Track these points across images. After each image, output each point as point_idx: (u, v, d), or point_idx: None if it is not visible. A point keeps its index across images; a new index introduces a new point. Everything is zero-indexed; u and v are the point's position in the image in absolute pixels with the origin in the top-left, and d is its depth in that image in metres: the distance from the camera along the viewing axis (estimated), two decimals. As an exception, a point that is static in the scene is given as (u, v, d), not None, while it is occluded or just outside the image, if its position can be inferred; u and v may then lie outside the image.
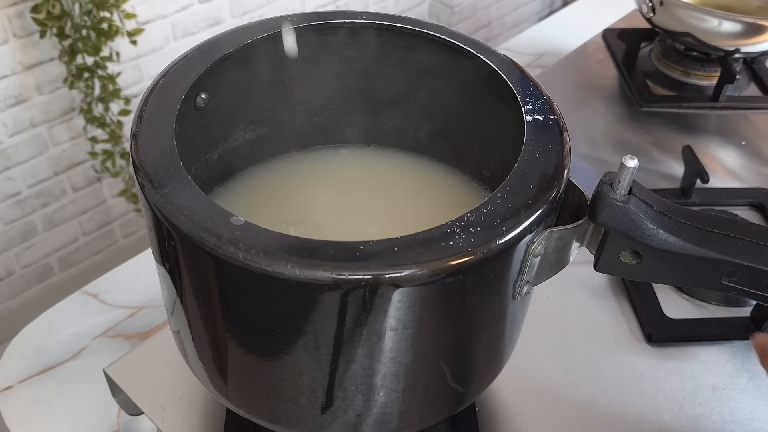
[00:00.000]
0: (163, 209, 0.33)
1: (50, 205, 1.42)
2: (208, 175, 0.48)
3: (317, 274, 0.31)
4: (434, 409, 0.41)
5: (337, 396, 0.38)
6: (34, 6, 1.16)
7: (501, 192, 0.35)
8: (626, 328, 0.58)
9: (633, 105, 0.86)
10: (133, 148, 0.36)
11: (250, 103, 0.47)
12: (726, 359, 0.56)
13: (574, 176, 0.38)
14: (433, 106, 0.49)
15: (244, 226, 0.32)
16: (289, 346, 0.35)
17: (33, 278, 1.47)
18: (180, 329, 0.42)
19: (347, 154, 0.53)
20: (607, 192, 0.35)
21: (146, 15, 1.36)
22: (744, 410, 0.53)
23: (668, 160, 0.77)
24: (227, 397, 0.42)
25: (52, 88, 1.29)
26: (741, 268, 0.36)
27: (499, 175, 0.45)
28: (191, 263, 0.35)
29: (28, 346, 0.58)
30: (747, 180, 0.75)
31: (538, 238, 0.35)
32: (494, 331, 0.39)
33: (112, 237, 1.57)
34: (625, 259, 0.38)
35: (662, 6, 0.81)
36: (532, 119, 0.39)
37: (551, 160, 0.37)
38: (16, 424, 0.53)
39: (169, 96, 0.39)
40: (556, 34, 1.04)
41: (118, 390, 0.53)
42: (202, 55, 0.42)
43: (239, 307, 0.35)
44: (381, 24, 0.46)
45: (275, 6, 1.58)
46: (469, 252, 0.32)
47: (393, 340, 0.34)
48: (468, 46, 0.44)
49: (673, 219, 0.36)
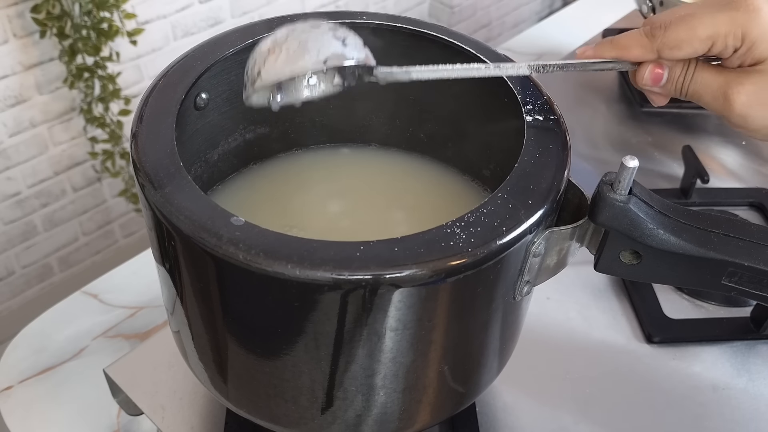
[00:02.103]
0: (163, 209, 0.33)
1: (50, 205, 1.42)
2: (209, 175, 0.48)
3: (317, 275, 0.31)
4: (434, 409, 0.41)
5: (337, 396, 0.38)
6: (34, 6, 1.16)
7: (501, 192, 0.35)
8: (626, 328, 0.58)
9: (633, 105, 0.86)
10: (133, 148, 0.36)
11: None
12: (726, 359, 0.56)
13: (574, 176, 0.38)
14: (433, 106, 0.49)
15: (244, 226, 0.32)
16: (289, 347, 0.35)
17: (33, 278, 1.47)
18: (180, 329, 0.42)
19: (348, 153, 0.53)
20: (608, 192, 0.35)
21: (146, 15, 1.35)
22: (744, 410, 0.53)
23: (668, 160, 0.77)
24: (227, 397, 0.41)
25: (52, 88, 1.29)
26: (741, 268, 0.36)
27: (500, 176, 0.45)
28: (191, 263, 0.35)
29: (28, 346, 0.58)
30: (747, 180, 0.75)
31: (538, 238, 0.35)
32: (494, 331, 0.39)
33: (112, 237, 1.57)
34: (626, 260, 0.38)
35: (662, 6, 0.81)
36: (532, 119, 0.39)
37: (551, 161, 0.37)
38: (16, 424, 0.53)
39: (169, 96, 0.39)
40: (556, 34, 1.04)
41: (118, 390, 0.53)
42: (202, 55, 0.42)
43: (239, 307, 0.35)
44: (381, 24, 0.46)
45: (275, 6, 1.58)
46: (469, 252, 0.32)
47: (393, 340, 0.34)
48: (468, 46, 0.44)
49: (673, 219, 0.36)
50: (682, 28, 0.37)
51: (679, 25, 0.37)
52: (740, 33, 0.36)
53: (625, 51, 0.39)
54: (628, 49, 0.38)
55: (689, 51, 0.37)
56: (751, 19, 0.36)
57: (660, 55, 0.38)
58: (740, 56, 0.37)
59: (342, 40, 0.37)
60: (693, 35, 0.37)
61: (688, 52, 0.37)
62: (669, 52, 0.37)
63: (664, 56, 0.38)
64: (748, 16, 0.36)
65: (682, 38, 0.37)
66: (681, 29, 0.37)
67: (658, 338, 0.57)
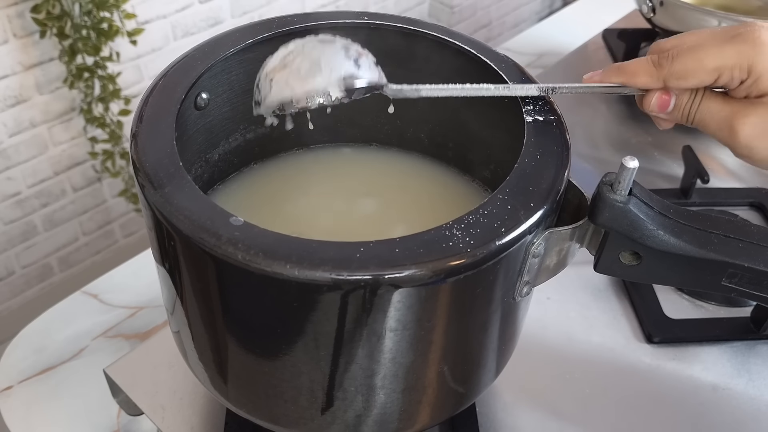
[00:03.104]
0: (163, 209, 0.33)
1: (50, 205, 1.42)
2: (209, 174, 0.48)
3: (317, 275, 0.31)
4: (434, 409, 0.41)
5: (336, 396, 0.38)
6: (34, 6, 1.16)
7: (501, 193, 0.35)
8: (626, 328, 0.58)
9: (633, 105, 0.85)
10: (133, 148, 0.36)
11: (250, 103, 0.47)
12: (726, 359, 0.56)
13: (574, 176, 0.38)
14: (433, 106, 0.49)
15: (244, 226, 0.32)
16: (288, 347, 0.35)
17: (33, 278, 1.47)
18: (180, 329, 0.42)
19: (349, 153, 0.53)
20: (608, 193, 0.35)
21: (146, 15, 1.35)
22: (744, 410, 0.53)
23: (668, 160, 0.77)
24: (227, 397, 0.41)
25: (52, 88, 1.29)
26: (741, 269, 0.36)
27: (500, 176, 0.45)
28: (191, 263, 0.35)
29: (28, 346, 0.58)
30: (747, 180, 0.75)
31: (537, 239, 0.35)
32: (494, 331, 0.39)
33: (112, 237, 1.57)
34: (625, 260, 0.37)
35: (662, 6, 0.81)
36: (532, 120, 0.39)
37: (551, 161, 0.37)
38: (16, 424, 0.53)
39: (169, 96, 0.39)
40: (556, 34, 1.04)
41: (118, 390, 0.53)
42: (202, 55, 0.42)
43: (239, 307, 0.35)
44: (381, 24, 0.46)
45: (275, 6, 1.58)
46: (468, 253, 0.32)
47: (392, 340, 0.34)
48: (468, 46, 0.44)
49: (673, 220, 0.36)
50: (689, 58, 0.37)
51: (687, 56, 0.37)
52: (746, 66, 0.36)
53: (632, 78, 0.39)
54: (635, 76, 0.39)
55: (695, 82, 0.38)
56: (758, 53, 0.36)
57: (666, 85, 0.38)
58: (746, 88, 0.37)
59: (355, 60, 0.37)
60: (700, 66, 0.37)
61: (694, 83, 0.38)
62: (675, 82, 0.38)
63: (671, 86, 0.38)
64: (756, 50, 0.36)
65: (689, 69, 0.37)
66: (688, 60, 0.37)
67: (658, 338, 0.57)
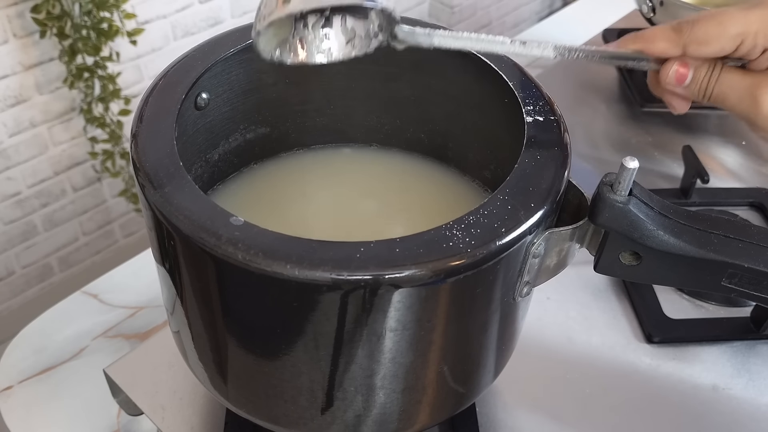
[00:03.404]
0: (163, 209, 0.33)
1: (50, 205, 1.42)
2: (209, 174, 0.48)
3: (317, 275, 0.31)
4: (434, 409, 0.41)
5: (336, 396, 0.38)
6: (34, 6, 1.16)
7: (501, 193, 0.35)
8: (626, 328, 0.58)
9: (633, 105, 0.86)
10: (133, 148, 0.36)
11: (250, 103, 0.47)
12: (726, 359, 0.56)
13: (574, 177, 0.38)
14: (433, 106, 0.49)
15: (244, 226, 0.32)
16: (288, 347, 0.35)
17: (33, 278, 1.47)
18: (180, 329, 0.42)
19: (349, 153, 0.53)
20: (608, 193, 0.35)
21: (146, 15, 1.35)
22: (744, 410, 0.53)
23: (668, 160, 0.77)
24: (227, 397, 0.41)
25: (52, 88, 1.29)
26: (741, 269, 0.36)
27: (500, 176, 0.45)
28: (191, 263, 0.35)
29: (28, 346, 0.58)
30: (747, 180, 0.75)
31: (537, 239, 0.35)
32: (494, 331, 0.39)
33: (112, 237, 1.57)
34: (625, 261, 0.37)
35: (662, 6, 0.81)
36: (532, 120, 0.39)
37: (551, 161, 0.37)
38: (16, 424, 0.53)
39: (169, 96, 0.39)
40: (556, 34, 1.04)
41: (118, 390, 0.53)
42: (202, 55, 0.42)
43: (239, 307, 0.35)
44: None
45: (275, 6, 1.58)
46: (468, 253, 0.32)
47: (392, 340, 0.34)
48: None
49: (673, 220, 0.36)
50: (711, 23, 0.35)
51: (709, 21, 0.35)
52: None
53: (650, 44, 0.37)
54: (654, 42, 0.37)
55: (717, 48, 0.36)
56: None
57: (686, 51, 0.36)
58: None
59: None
60: (722, 31, 0.35)
61: (715, 49, 0.36)
62: (696, 47, 0.36)
63: (690, 52, 0.36)
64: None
65: (710, 34, 0.35)
66: (710, 25, 0.35)
67: (658, 338, 0.57)
